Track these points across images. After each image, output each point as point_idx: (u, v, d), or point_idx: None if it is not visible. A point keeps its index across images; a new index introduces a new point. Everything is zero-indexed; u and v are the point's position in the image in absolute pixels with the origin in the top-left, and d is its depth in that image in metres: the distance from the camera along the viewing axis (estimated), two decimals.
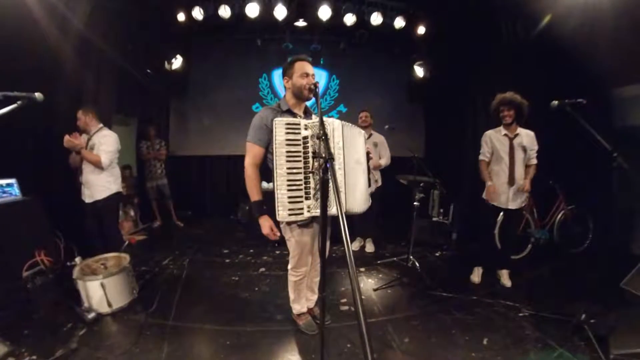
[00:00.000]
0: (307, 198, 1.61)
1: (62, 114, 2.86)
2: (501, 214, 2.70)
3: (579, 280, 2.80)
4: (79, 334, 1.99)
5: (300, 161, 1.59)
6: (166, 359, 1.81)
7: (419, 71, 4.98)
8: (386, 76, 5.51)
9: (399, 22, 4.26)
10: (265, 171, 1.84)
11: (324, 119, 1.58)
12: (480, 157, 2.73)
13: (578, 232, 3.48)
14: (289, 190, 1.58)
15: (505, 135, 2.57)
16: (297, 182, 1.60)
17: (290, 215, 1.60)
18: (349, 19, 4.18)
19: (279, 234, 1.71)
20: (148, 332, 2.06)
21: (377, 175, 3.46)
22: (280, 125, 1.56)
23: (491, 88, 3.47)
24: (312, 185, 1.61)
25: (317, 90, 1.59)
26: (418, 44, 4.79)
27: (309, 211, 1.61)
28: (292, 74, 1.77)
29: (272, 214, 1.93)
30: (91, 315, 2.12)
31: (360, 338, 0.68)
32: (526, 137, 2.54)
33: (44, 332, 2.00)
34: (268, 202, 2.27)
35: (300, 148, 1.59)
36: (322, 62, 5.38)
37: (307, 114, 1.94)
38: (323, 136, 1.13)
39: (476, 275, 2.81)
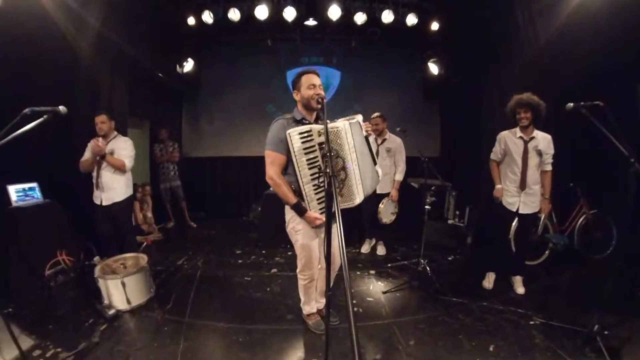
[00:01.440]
0: None
1: (80, 119, 2.97)
2: (516, 218, 2.63)
3: (596, 288, 2.67)
4: (100, 329, 2.12)
5: (319, 166, 1.66)
6: (182, 354, 1.90)
7: (434, 68, 4.87)
8: (400, 74, 5.42)
9: (411, 19, 4.19)
10: None
11: (333, 124, 1.61)
12: (491, 157, 2.67)
13: (600, 237, 3.28)
14: (315, 193, 1.71)
15: (521, 137, 2.47)
16: (321, 186, 1.70)
17: (322, 214, 1.74)
18: (360, 18, 4.15)
19: (323, 217, 1.76)
20: (165, 328, 2.17)
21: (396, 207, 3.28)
22: (294, 135, 1.62)
23: (508, 86, 3.34)
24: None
25: (323, 102, 1.61)
26: (431, 41, 4.68)
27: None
28: (300, 86, 1.83)
29: (279, 217, 1.99)
30: (111, 312, 2.25)
31: (350, 340, 0.72)
32: (542, 140, 2.44)
33: (67, 327, 2.14)
34: (274, 203, 2.33)
35: (317, 154, 1.65)
36: (334, 61, 5.34)
37: (318, 119, 1.97)
38: (328, 153, 1.16)
39: (488, 281, 2.74)
